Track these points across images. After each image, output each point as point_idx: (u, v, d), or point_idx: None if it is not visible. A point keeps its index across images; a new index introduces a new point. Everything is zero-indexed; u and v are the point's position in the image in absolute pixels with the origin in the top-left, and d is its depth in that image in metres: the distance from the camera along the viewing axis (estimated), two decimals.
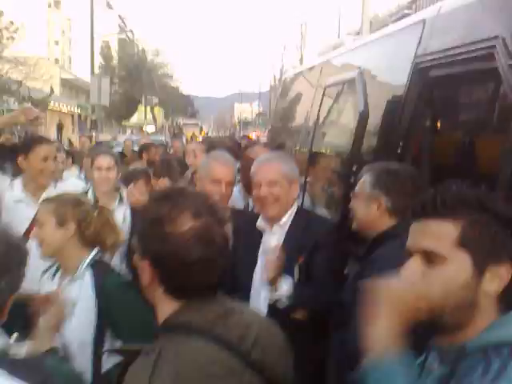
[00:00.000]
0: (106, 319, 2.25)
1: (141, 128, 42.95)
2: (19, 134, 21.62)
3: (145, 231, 1.42)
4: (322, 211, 3.89)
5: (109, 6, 59.70)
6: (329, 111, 4.06)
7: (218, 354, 1.35)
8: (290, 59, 43.17)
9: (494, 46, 2.35)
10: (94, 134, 22.50)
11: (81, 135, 13.45)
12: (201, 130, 49.96)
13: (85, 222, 2.35)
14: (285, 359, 1.51)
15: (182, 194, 1.46)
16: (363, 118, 3.11)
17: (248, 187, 3.39)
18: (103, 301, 2.24)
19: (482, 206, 1.25)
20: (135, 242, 1.45)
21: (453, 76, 2.80)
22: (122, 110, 46.93)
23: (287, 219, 2.76)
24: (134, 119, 51.33)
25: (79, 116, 42.30)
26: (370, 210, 2.38)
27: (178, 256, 1.35)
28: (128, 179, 4.46)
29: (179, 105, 62.20)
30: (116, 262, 3.31)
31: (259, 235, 2.82)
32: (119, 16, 63.33)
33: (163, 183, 4.49)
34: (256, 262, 2.75)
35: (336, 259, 2.73)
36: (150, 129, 43.95)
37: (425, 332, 1.29)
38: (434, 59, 2.90)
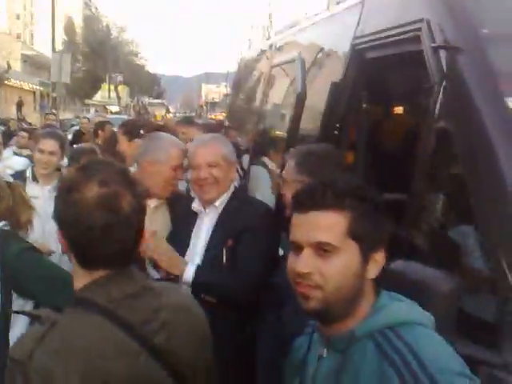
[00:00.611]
0: (11, 284, 2.30)
1: (104, 107, 42.17)
2: None
3: (56, 200, 1.42)
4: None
5: None
6: (272, 93, 4.03)
7: (113, 334, 1.33)
8: (257, 40, 42.89)
9: (419, 29, 2.36)
10: (54, 111, 22.01)
11: (48, 113, 13.18)
12: (167, 110, 49.37)
13: None
14: (199, 347, 1.50)
15: (94, 163, 1.46)
16: (300, 100, 3.10)
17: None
18: (5, 267, 2.29)
19: (363, 196, 1.33)
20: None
21: (385, 58, 2.81)
22: (85, 87, 45.98)
23: (222, 201, 2.73)
24: (98, 97, 50.36)
25: (41, 94, 41.33)
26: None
27: (80, 222, 1.35)
28: (74, 158, 4.39)
29: (145, 84, 61.28)
30: None
31: (194, 217, 2.78)
32: None
33: None
34: (188, 245, 2.71)
35: (268, 243, 2.65)
36: (114, 108, 43.20)
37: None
38: (370, 41, 2.91)
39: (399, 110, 3.06)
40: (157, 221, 2.94)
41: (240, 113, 6.38)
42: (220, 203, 2.72)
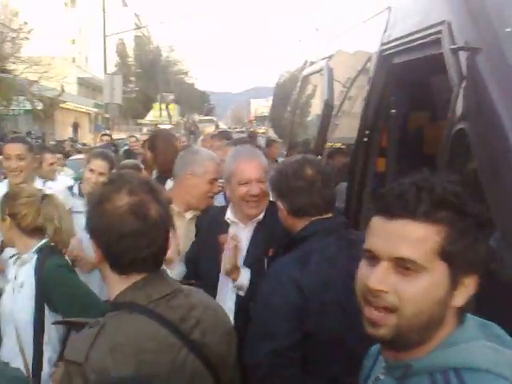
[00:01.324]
0: (45, 298, 2.45)
1: (156, 126, 43.18)
2: (36, 134, 21.99)
3: (89, 213, 1.54)
4: None
5: (124, 3, 60.02)
6: (303, 103, 4.06)
7: (157, 331, 1.46)
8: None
9: (440, 31, 2.33)
10: (108, 132, 22.63)
11: (104, 134, 13.68)
12: (217, 126, 50.00)
13: (19, 214, 2.56)
14: (227, 342, 1.63)
15: (121, 176, 1.59)
16: (328, 108, 3.11)
17: None
18: (41, 281, 2.44)
19: (463, 209, 1.10)
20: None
21: (411, 63, 2.78)
22: (138, 107, 47.23)
23: (262, 214, 2.71)
24: (150, 117, 51.61)
25: (95, 115, 42.69)
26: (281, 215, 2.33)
27: (112, 229, 1.45)
28: None
29: (195, 101, 62.39)
30: None
31: (225, 227, 2.77)
32: (135, 14, 63.64)
33: None
34: (215, 254, 2.69)
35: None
36: (166, 127, 44.13)
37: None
38: (396, 46, 2.89)
39: (427, 114, 3.02)
40: (193, 231, 3.01)
41: (282, 124, 6.43)
42: (261, 216, 2.71)
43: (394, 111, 3.11)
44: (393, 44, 2.94)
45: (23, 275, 2.52)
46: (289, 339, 1.99)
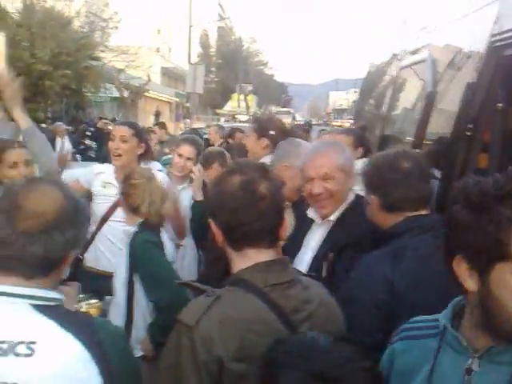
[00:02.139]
0: (133, 267, 2.74)
1: (233, 116, 43.66)
2: (119, 119, 22.81)
3: (209, 196, 1.69)
4: None
5: None
6: (399, 95, 3.96)
7: (267, 315, 1.48)
8: (389, 45, 41.89)
9: None
10: (188, 121, 23.16)
11: (180, 122, 14.17)
12: (293, 118, 49.88)
13: (127, 194, 2.89)
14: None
15: (237, 163, 1.76)
16: (430, 100, 3.02)
17: None
18: (131, 252, 2.73)
19: None
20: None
21: None
22: (217, 98, 47.93)
23: (338, 214, 2.57)
24: (228, 107, 52.27)
25: (176, 104, 43.72)
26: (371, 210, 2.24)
27: (225, 206, 1.56)
28: (208, 160, 4.62)
29: (273, 92, 62.51)
30: None
31: (310, 223, 2.69)
32: (219, 4, 64.46)
33: None
34: (299, 250, 2.63)
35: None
36: (243, 117, 44.55)
37: None
38: (507, 38, 2.76)
39: None
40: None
41: (367, 118, 6.32)
42: (335, 216, 2.56)
43: (500, 105, 2.97)
44: (504, 36, 2.81)
45: (125, 245, 2.87)
46: (370, 337, 1.83)
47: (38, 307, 1.36)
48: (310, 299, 1.59)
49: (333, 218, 2.55)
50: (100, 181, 3.75)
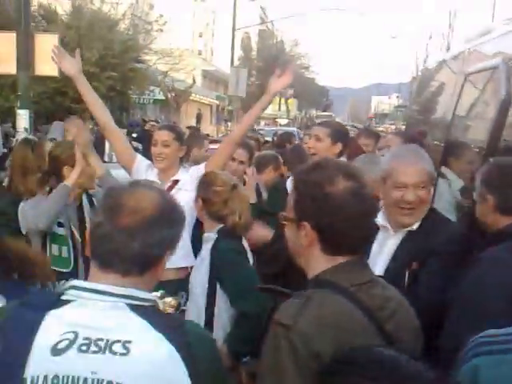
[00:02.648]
0: (216, 275, 2.68)
1: (274, 119, 43.67)
2: (161, 121, 23.07)
3: (303, 196, 1.59)
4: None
5: None
6: (468, 100, 3.80)
7: (357, 315, 1.50)
8: (435, 49, 41.17)
9: None
10: (229, 124, 23.26)
11: (221, 125, 14.26)
12: None
13: (209, 201, 2.81)
14: (415, 340, 1.64)
15: (328, 162, 1.65)
16: (504, 107, 2.87)
17: None
18: (214, 261, 2.67)
19: None
20: (288, 210, 1.63)
21: None
22: (257, 101, 47.90)
23: (419, 223, 2.50)
24: (269, 111, 52.30)
25: (217, 107, 44.00)
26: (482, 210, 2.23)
27: (338, 213, 1.52)
28: (261, 163, 4.56)
29: (314, 96, 62.24)
30: None
31: (376, 230, 2.53)
32: (260, 7, 64.58)
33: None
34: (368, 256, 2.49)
35: (454, 271, 2.32)
36: (283, 121, 44.52)
37: None
38: None
39: None
40: None
41: (426, 123, 6.14)
42: (417, 225, 2.49)
43: None
44: None
45: (204, 252, 2.80)
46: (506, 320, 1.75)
47: (133, 307, 1.40)
48: (391, 297, 1.62)
49: (415, 226, 2.50)
50: (147, 175, 3.73)
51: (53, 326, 1.35)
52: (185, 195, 3.49)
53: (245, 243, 2.88)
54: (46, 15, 19.81)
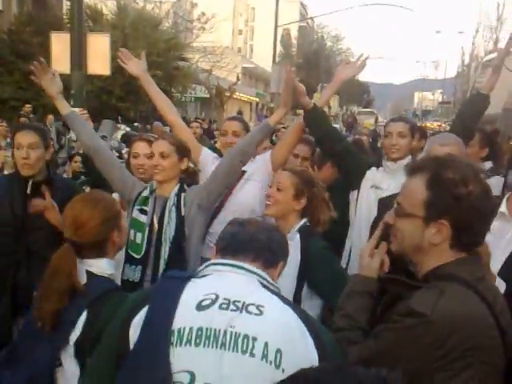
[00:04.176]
0: (308, 277, 2.59)
1: None
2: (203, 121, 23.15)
3: (442, 194, 1.59)
4: None
5: None
6: None
7: (482, 308, 1.54)
8: (482, 43, 40.08)
9: None
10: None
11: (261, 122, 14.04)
12: (376, 118, 48.85)
13: (310, 199, 2.72)
14: None
15: (456, 160, 1.67)
16: None
17: None
18: (306, 261, 2.57)
19: None
20: (413, 206, 1.63)
21: None
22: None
23: None
24: None
25: (256, 104, 44.01)
26: None
27: (476, 211, 1.56)
28: (319, 160, 4.48)
29: (354, 92, 61.57)
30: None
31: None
32: (301, 3, 64.26)
33: None
34: None
35: None
36: None
37: None
38: None
39: None
40: None
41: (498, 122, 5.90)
42: None
43: None
44: None
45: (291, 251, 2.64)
46: None
47: (263, 284, 1.60)
48: (499, 292, 1.67)
49: None
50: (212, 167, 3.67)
51: (196, 289, 1.55)
52: (253, 185, 3.57)
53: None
54: (92, 15, 20.13)
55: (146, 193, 3.09)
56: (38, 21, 17.99)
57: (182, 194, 3.07)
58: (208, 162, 3.65)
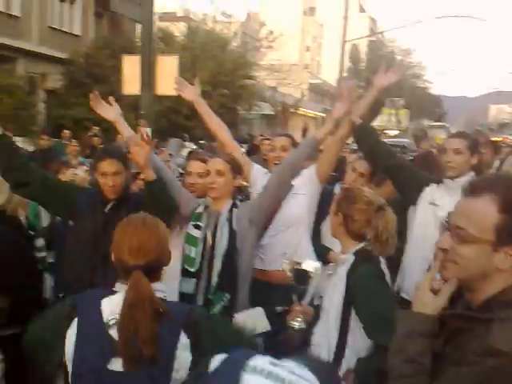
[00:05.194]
0: (351, 302, 2.48)
1: (382, 131, 42.62)
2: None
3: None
4: None
5: (361, 9, 60.44)
6: None
7: None
8: None
9: None
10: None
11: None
12: (448, 133, 47.38)
13: (351, 218, 2.61)
14: None
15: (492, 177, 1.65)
16: None
17: None
18: (350, 285, 2.49)
19: None
20: (481, 230, 1.51)
21: None
22: (365, 113, 47.17)
23: None
24: (377, 121, 51.13)
25: (322, 119, 43.84)
26: None
27: None
28: (379, 178, 4.43)
29: (426, 106, 60.08)
30: None
31: None
32: (370, 18, 63.68)
33: None
34: None
35: None
36: (393, 132, 43.22)
37: None
38: None
39: None
40: None
41: None
42: None
43: None
44: None
45: (339, 274, 2.57)
46: None
47: None
48: None
49: None
50: (263, 181, 3.67)
51: None
52: (300, 199, 3.62)
53: (383, 265, 2.67)
54: (164, 38, 20.87)
55: (200, 209, 3.19)
56: (112, 45, 18.82)
57: (234, 210, 3.14)
58: (259, 177, 3.74)
